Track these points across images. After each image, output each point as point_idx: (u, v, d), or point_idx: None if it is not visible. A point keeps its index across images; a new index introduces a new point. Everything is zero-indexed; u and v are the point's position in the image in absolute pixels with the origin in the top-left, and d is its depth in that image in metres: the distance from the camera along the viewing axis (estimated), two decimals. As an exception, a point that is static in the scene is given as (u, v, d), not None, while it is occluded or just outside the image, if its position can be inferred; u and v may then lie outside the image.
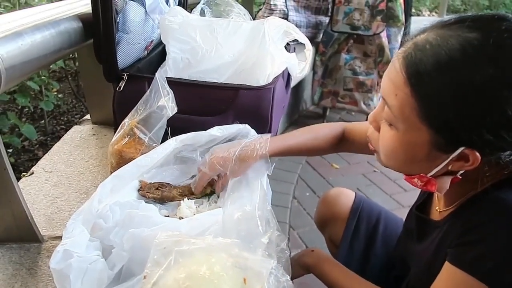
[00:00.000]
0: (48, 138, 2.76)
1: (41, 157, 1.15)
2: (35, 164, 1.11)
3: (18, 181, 1.02)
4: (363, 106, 2.73)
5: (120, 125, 1.02)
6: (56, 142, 1.26)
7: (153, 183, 0.90)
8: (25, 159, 2.49)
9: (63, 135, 1.31)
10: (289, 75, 1.30)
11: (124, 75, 1.10)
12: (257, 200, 0.79)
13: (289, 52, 1.24)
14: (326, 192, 1.18)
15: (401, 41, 1.23)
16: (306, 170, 2.37)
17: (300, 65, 1.23)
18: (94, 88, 1.32)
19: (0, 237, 0.80)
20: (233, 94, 1.06)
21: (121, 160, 1.00)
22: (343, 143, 0.99)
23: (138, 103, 1.02)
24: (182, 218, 0.83)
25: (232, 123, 1.09)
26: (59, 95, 3.16)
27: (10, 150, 2.49)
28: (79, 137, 1.26)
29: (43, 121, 2.84)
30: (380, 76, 2.68)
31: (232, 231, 0.69)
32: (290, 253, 0.71)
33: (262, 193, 0.83)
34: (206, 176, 0.89)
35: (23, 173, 1.04)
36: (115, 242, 0.71)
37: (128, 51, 1.13)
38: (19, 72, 0.73)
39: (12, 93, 2.38)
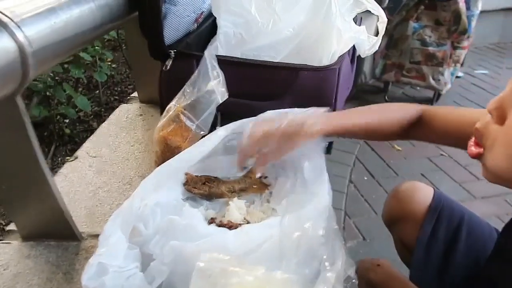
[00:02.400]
0: (102, 109, 2.78)
1: (96, 128, 1.09)
2: (90, 135, 1.06)
3: (64, 164, 0.98)
4: (432, 82, 2.45)
5: (166, 109, 0.92)
6: (110, 113, 1.21)
7: (200, 176, 0.80)
8: (80, 130, 2.53)
9: (117, 106, 1.25)
10: (354, 51, 1.13)
11: (171, 52, 0.99)
12: (321, 212, 0.66)
13: (356, 24, 1.07)
14: (398, 186, 1.01)
15: None
16: (364, 151, 2.19)
17: (370, 41, 1.06)
18: (142, 65, 1.23)
19: (39, 232, 0.75)
20: (292, 76, 0.92)
21: (166, 148, 0.91)
22: (418, 129, 0.82)
23: (185, 85, 0.92)
24: (231, 223, 0.73)
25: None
26: (113, 65, 3.17)
27: (67, 121, 2.53)
28: (125, 118, 1.19)
29: (98, 91, 2.86)
30: (454, 47, 2.38)
31: (290, 254, 0.57)
32: (357, 282, 0.58)
33: (326, 201, 0.70)
34: (245, 152, 0.76)
35: (67, 157, 0.99)
36: (155, 253, 0.62)
37: (176, 25, 1.02)
38: (51, 54, 0.64)
39: (66, 63, 2.39)
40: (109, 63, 2.96)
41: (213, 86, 0.85)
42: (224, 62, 0.93)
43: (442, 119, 0.79)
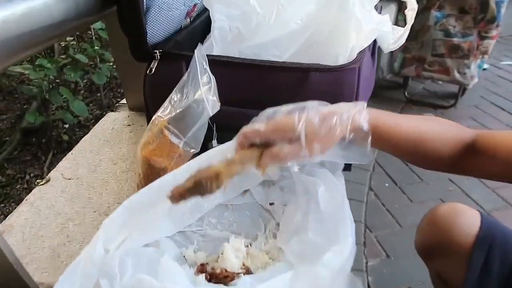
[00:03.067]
0: (104, 112, 2.64)
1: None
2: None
3: (33, 189, 0.83)
4: (457, 75, 2.24)
5: (151, 121, 0.76)
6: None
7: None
8: (80, 136, 2.40)
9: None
10: (375, 44, 0.95)
11: (156, 52, 0.83)
12: (343, 268, 0.49)
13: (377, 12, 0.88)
14: (436, 209, 0.83)
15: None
16: (384, 154, 2.00)
17: (395, 33, 0.88)
18: (129, 66, 1.07)
19: (-15, 285, 0.59)
20: (301, 78, 0.74)
21: (150, 170, 0.75)
22: (472, 155, 0.63)
23: (172, 92, 0.76)
24: (226, 273, 0.57)
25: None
26: (115, 66, 3.03)
27: (66, 126, 2.41)
28: (111, 129, 1.03)
29: (99, 94, 2.73)
30: (481, 38, 2.16)
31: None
32: None
33: (349, 249, 0.53)
34: (255, 134, 0.54)
35: (37, 181, 0.84)
36: (119, 329, 0.46)
37: (162, 19, 0.85)
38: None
39: (62, 67, 2.26)
40: (111, 64, 2.82)
41: (203, 94, 0.68)
42: (219, 63, 0.77)
43: (505, 146, 0.60)
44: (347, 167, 0.85)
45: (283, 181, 0.76)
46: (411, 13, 0.84)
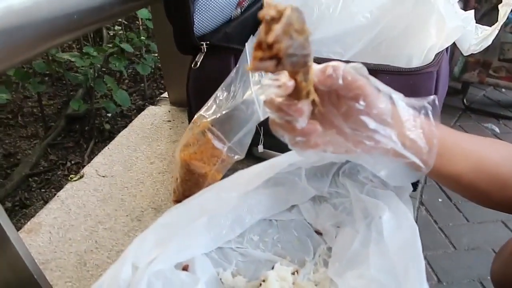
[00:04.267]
0: (146, 103, 2.63)
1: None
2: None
3: (66, 185, 0.79)
4: (527, 84, 2.03)
5: (193, 120, 0.69)
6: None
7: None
8: (121, 125, 2.40)
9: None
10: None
11: (202, 44, 0.75)
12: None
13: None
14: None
15: None
16: (438, 165, 1.84)
17: (480, 32, 0.75)
18: (172, 59, 1.01)
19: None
20: (366, 81, 0.64)
21: (188, 175, 0.67)
22: None
23: (218, 90, 0.68)
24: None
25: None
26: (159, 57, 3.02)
27: (109, 115, 2.41)
28: (150, 124, 0.97)
29: (143, 84, 2.72)
30: (559, 43, 1.93)
31: None
32: None
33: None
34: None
35: (71, 176, 0.79)
36: None
37: (210, 8, 0.77)
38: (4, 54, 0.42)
39: (109, 56, 2.26)
40: (156, 55, 2.81)
41: (253, 94, 0.59)
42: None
43: None
44: (414, 187, 0.74)
45: (337, 199, 0.67)
46: (505, 8, 0.71)
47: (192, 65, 0.76)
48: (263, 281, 0.52)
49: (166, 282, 0.46)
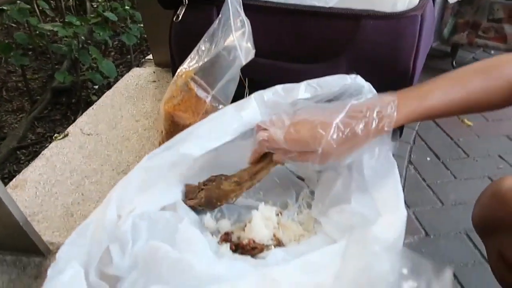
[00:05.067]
0: (134, 74, 2.59)
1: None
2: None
3: (51, 143, 0.78)
4: (515, 43, 2.03)
5: (176, 74, 0.68)
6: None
7: (203, 182, 0.56)
8: (110, 97, 2.37)
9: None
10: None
11: (183, -4, 0.73)
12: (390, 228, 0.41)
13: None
14: (501, 182, 0.72)
15: None
16: (427, 126, 1.85)
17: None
18: (155, 20, 0.99)
19: (-7, 243, 0.54)
20: (350, 27, 0.64)
21: (173, 127, 0.67)
22: None
23: (201, 41, 0.67)
24: (254, 245, 0.49)
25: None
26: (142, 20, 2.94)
27: (96, 87, 2.38)
28: (135, 85, 0.96)
29: (130, 56, 2.68)
30: (547, 0, 1.92)
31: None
32: None
33: (402, 222, 0.45)
34: (273, 145, 0.51)
35: (55, 135, 0.78)
36: (129, 302, 0.39)
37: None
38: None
39: (93, 26, 2.20)
40: (141, 26, 2.75)
41: (235, 40, 0.58)
42: (255, 8, 0.67)
43: None
44: (399, 134, 0.75)
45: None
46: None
47: (174, 19, 0.75)
48: (249, 222, 0.53)
49: (150, 222, 0.47)
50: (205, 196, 0.53)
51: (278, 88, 0.55)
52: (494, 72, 0.55)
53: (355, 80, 0.57)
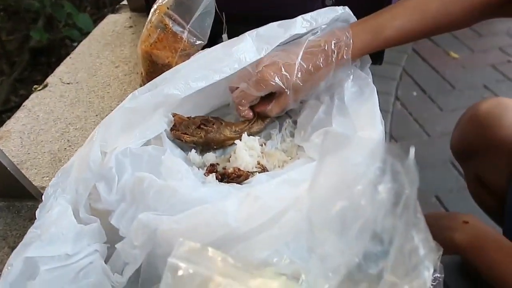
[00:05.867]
0: (113, 29, 2.51)
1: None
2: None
3: (31, 95, 0.77)
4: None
5: (151, 11, 0.66)
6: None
7: (193, 118, 0.56)
8: (90, 54, 2.30)
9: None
10: None
11: None
12: (374, 154, 0.42)
13: None
14: (478, 105, 0.73)
15: None
16: (413, 60, 1.84)
17: None
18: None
19: (-17, 190, 0.55)
20: None
21: (152, 67, 0.66)
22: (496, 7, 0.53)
23: (173, -27, 0.64)
24: (240, 172, 0.51)
25: (323, 3, 0.66)
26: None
27: (75, 44, 2.30)
28: (111, 31, 0.93)
29: (106, 9, 2.57)
30: None
31: (330, 232, 0.33)
32: (442, 277, 0.35)
33: (379, 136, 0.46)
34: (250, 98, 0.55)
35: (35, 86, 0.77)
36: (121, 229, 0.41)
37: None
38: None
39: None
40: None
41: (207, -32, 0.56)
42: None
43: None
44: (379, 61, 0.74)
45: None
46: None
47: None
48: (233, 153, 0.54)
49: (133, 157, 0.47)
50: (205, 137, 0.54)
51: (274, 24, 0.54)
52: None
53: (345, 11, 0.57)
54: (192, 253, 0.31)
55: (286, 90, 0.52)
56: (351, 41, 0.52)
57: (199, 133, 0.54)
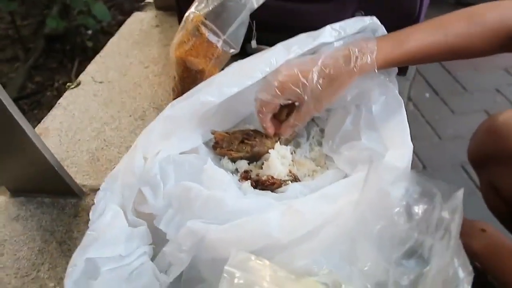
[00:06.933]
0: (127, 17, 2.52)
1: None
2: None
3: (65, 93, 0.80)
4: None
5: (184, 18, 0.68)
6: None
7: (233, 133, 0.59)
8: (105, 42, 2.32)
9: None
10: None
11: None
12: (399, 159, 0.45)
13: None
14: (496, 116, 0.75)
15: None
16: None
17: None
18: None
19: (31, 187, 0.59)
20: (357, -36, 0.63)
21: (186, 72, 0.69)
22: None
23: (207, -16, 0.66)
24: (273, 180, 0.54)
25: (353, 15, 0.68)
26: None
27: (90, 32, 2.32)
28: (138, 30, 0.95)
29: (120, -2, 2.57)
30: None
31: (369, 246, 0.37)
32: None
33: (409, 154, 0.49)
34: (270, 106, 0.54)
35: (68, 84, 0.80)
36: (169, 233, 0.44)
37: None
38: None
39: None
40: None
41: (245, -18, 0.59)
42: None
43: None
44: (401, 72, 0.77)
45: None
46: None
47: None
48: (265, 161, 0.57)
49: (176, 165, 0.50)
50: (251, 151, 0.57)
51: (303, 35, 0.56)
52: (477, 19, 0.55)
53: (373, 21, 0.58)
54: (245, 262, 0.34)
55: (304, 96, 0.52)
56: (375, 47, 0.52)
57: (244, 148, 0.56)
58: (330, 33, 0.56)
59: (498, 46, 0.55)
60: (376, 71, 0.54)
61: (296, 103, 0.55)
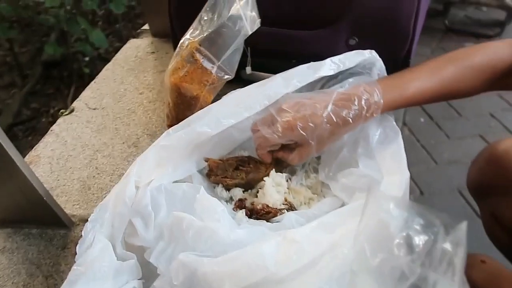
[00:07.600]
0: (124, 44, 2.54)
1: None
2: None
3: (58, 119, 0.79)
4: (508, 0, 2.02)
5: (179, 45, 0.68)
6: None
7: (227, 160, 0.58)
8: (101, 69, 2.34)
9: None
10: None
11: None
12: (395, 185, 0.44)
13: None
14: (495, 145, 0.75)
15: None
16: (420, 87, 1.87)
17: None
18: (150, -13, 0.97)
19: (17, 218, 0.57)
20: (350, -9, 0.64)
21: (180, 99, 0.68)
22: None
23: (202, 10, 0.67)
24: (268, 209, 0.52)
25: (347, 41, 0.69)
26: (133, -5, 2.87)
27: (87, 59, 2.34)
28: (134, 57, 0.96)
29: (118, 25, 2.61)
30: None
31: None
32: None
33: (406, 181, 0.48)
34: (271, 143, 0.54)
35: (61, 110, 0.79)
36: (159, 267, 0.42)
37: None
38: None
39: (79, -6, 2.13)
40: (128, -8, 2.66)
41: (239, 9, 0.59)
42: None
43: None
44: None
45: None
46: None
47: (173, -12, 0.74)
48: (260, 189, 0.56)
49: (168, 194, 0.49)
50: (246, 178, 0.55)
51: (304, 66, 0.56)
52: (464, 62, 0.58)
53: (371, 55, 0.59)
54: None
55: (310, 142, 0.52)
56: (382, 101, 0.53)
57: (239, 175, 0.55)
58: (329, 66, 0.57)
59: (487, 85, 0.58)
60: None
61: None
